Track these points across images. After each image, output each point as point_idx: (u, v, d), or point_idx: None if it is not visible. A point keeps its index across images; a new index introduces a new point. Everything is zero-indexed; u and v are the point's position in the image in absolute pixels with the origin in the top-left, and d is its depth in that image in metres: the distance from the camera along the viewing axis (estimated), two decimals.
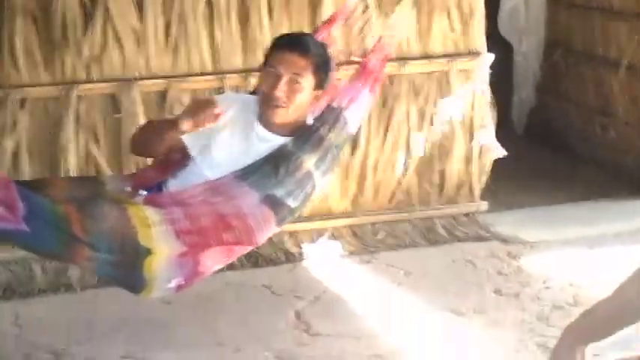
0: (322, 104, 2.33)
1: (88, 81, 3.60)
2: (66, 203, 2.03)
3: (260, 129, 2.24)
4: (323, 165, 2.25)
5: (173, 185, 2.34)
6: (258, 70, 2.32)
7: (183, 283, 2.16)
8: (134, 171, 3.40)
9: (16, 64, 3.53)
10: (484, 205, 3.95)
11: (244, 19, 3.71)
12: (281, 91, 2.15)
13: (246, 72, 3.63)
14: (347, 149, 3.74)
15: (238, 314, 3.08)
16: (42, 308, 3.28)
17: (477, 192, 3.97)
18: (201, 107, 2.10)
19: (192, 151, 2.26)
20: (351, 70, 2.71)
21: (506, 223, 3.90)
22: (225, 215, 2.13)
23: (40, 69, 3.58)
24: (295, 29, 3.65)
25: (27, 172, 3.52)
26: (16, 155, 3.53)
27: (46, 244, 1.97)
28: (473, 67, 3.79)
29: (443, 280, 3.36)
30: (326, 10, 3.64)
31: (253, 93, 2.51)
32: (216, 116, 2.08)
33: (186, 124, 2.07)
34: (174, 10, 3.62)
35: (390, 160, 3.87)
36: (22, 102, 3.54)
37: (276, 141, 2.22)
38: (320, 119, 2.28)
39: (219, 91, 3.56)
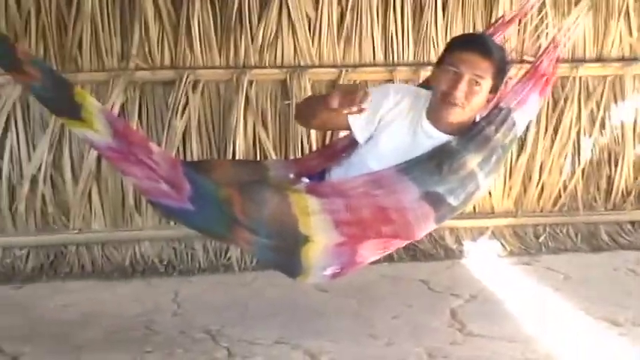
0: (491, 104, 2.41)
1: (261, 66, 3.92)
2: (230, 187, 2.17)
3: (427, 125, 2.34)
4: (487, 166, 2.33)
5: (336, 173, 2.49)
6: (435, 65, 2.43)
7: (339, 271, 2.30)
8: (299, 157, 3.72)
9: (192, 45, 3.87)
10: None
11: (418, 14, 3.98)
12: (461, 90, 2.23)
13: (416, 65, 3.88)
14: (514, 149, 3.95)
15: (393, 307, 3.19)
16: (200, 287, 3.51)
17: None
18: (352, 91, 2.09)
19: (360, 139, 2.39)
20: (522, 69, 2.89)
21: None
22: (385, 208, 2.23)
23: (214, 52, 3.90)
24: (469, 27, 3.91)
25: (195, 152, 3.83)
26: (185, 135, 3.86)
27: (208, 224, 2.17)
28: None
29: (602, 288, 3.40)
30: (501, 8, 3.89)
31: (422, 86, 2.63)
32: (361, 110, 2.09)
33: (334, 101, 2.09)
34: (349, 1, 3.92)
35: (557, 162, 4.05)
36: (195, 83, 3.86)
37: (442, 138, 2.32)
38: (487, 119, 2.37)
39: (389, 83, 3.78)
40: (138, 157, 2.04)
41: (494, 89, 2.31)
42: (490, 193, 4.05)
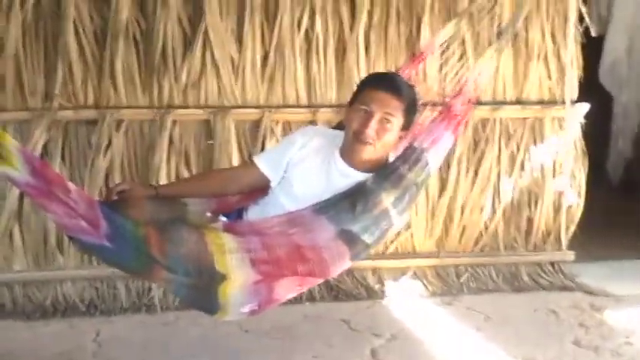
0: (404, 143, 2.70)
1: (184, 106, 4.39)
2: (147, 225, 2.38)
3: (341, 163, 2.63)
4: (401, 204, 2.61)
5: (253, 211, 2.77)
6: (348, 105, 2.70)
7: (256, 308, 2.52)
8: None
9: (115, 85, 4.34)
10: (571, 255, 4.53)
11: (341, 55, 4.48)
12: (372, 129, 2.53)
13: (339, 107, 4.30)
14: (435, 189, 4.50)
15: (314, 347, 3.54)
16: (122, 327, 3.86)
17: (565, 241, 4.52)
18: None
19: (273, 182, 2.70)
20: (434, 111, 3.18)
21: (592, 274, 4.46)
22: (301, 247, 2.49)
23: (138, 92, 4.36)
24: (391, 68, 4.35)
25: None
26: (108, 175, 4.31)
27: (125, 261, 2.37)
28: (567, 115, 4.41)
29: (523, 328, 3.79)
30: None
31: (336, 128, 2.94)
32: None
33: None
34: (272, 42, 4.41)
35: (478, 203, 4.53)
36: (118, 123, 4.31)
37: (356, 177, 2.60)
38: (401, 158, 2.65)
39: (312, 124, 4.27)
40: (56, 195, 2.20)
41: (405, 126, 2.61)
42: (412, 234, 4.54)
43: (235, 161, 4.32)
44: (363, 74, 4.40)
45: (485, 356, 3.66)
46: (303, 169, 2.68)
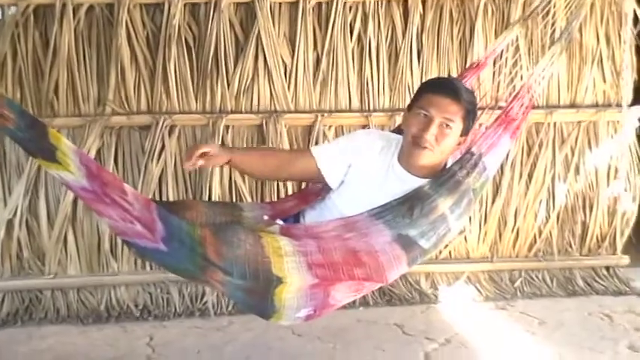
0: (462, 148, 2.70)
1: (237, 111, 4.46)
2: (203, 228, 2.36)
3: (399, 169, 2.64)
4: (458, 209, 2.61)
5: (310, 216, 2.80)
6: (407, 110, 2.70)
7: (312, 313, 2.49)
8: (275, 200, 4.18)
9: (168, 91, 4.41)
10: (625, 260, 4.56)
11: (393, 59, 4.52)
12: (431, 134, 2.54)
13: (392, 111, 4.39)
14: (489, 194, 4.53)
15: (367, 352, 3.57)
16: (175, 332, 3.93)
17: (619, 245, 4.53)
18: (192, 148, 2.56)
19: (332, 185, 2.72)
20: (493, 115, 3.19)
21: None
22: (358, 251, 2.48)
23: (191, 97, 4.44)
24: (444, 72, 4.42)
25: (171, 196, 4.33)
26: (161, 180, 4.38)
27: (181, 264, 2.34)
28: (621, 118, 4.43)
29: (577, 333, 3.81)
30: (475, 54, 4.45)
31: (395, 132, 2.95)
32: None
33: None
34: (325, 46, 4.46)
35: (532, 207, 4.46)
36: (171, 128, 4.40)
37: (414, 182, 2.60)
38: (459, 163, 2.64)
39: (365, 128, 4.34)
40: (112, 198, 2.19)
41: (464, 132, 2.62)
42: (465, 238, 4.58)
43: None
44: (416, 78, 4.50)
45: None
46: (363, 173, 2.68)
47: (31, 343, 3.94)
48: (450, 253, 4.50)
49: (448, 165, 2.68)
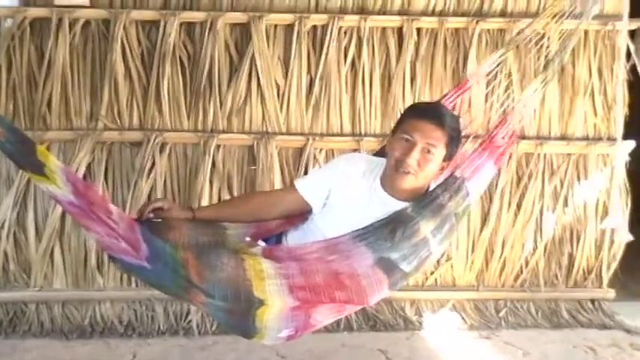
0: (445, 172, 2.68)
1: (228, 131, 4.49)
2: (186, 249, 2.40)
3: (381, 192, 2.63)
4: (440, 233, 2.59)
5: (293, 236, 2.80)
6: (390, 134, 2.68)
7: (293, 333, 2.49)
8: None
9: (161, 108, 4.44)
10: (611, 293, 4.56)
11: (386, 85, 4.55)
12: (414, 158, 2.52)
13: (383, 136, 4.37)
14: (477, 222, 4.56)
15: None
16: (159, 349, 3.97)
17: (605, 279, 4.54)
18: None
19: (314, 209, 2.71)
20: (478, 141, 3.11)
21: (632, 313, 4.51)
22: (339, 274, 2.47)
23: (183, 115, 4.48)
24: (436, 99, 4.56)
25: None
26: (151, 197, 4.37)
27: (164, 283, 2.37)
28: (612, 152, 4.48)
29: None
30: None
31: (377, 154, 2.92)
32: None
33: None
34: (318, 70, 4.49)
35: (520, 237, 4.51)
36: (163, 146, 4.42)
37: (396, 205, 2.59)
38: (442, 187, 2.63)
39: (356, 152, 4.32)
40: (98, 215, 2.21)
41: (447, 157, 2.60)
42: (452, 266, 4.61)
43: (277, 187, 4.38)
44: (408, 104, 4.40)
45: None
46: (345, 196, 2.67)
47: (15, 355, 3.96)
48: (435, 280, 4.63)
49: (431, 188, 2.68)
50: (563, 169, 4.54)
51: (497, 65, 3.51)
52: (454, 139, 2.63)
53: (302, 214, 2.83)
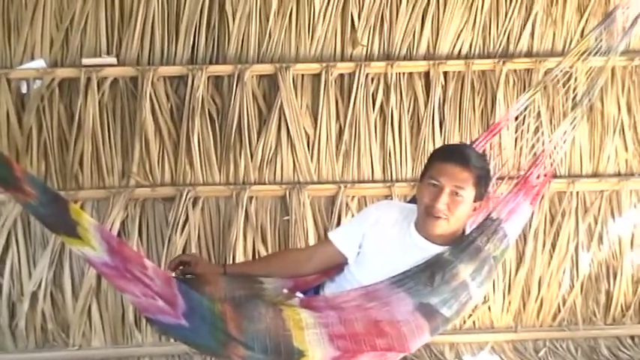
0: (481, 214, 2.69)
1: (260, 182, 4.56)
2: (223, 302, 2.39)
3: (416, 236, 2.62)
4: (479, 276, 2.57)
5: (330, 288, 2.79)
6: (419, 180, 2.70)
7: None
8: None
9: (192, 162, 4.52)
10: None
11: (415, 129, 4.63)
12: (443, 203, 2.51)
13: (414, 181, 4.42)
14: (512, 263, 4.61)
15: None
16: None
17: None
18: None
19: (349, 259, 2.72)
20: (513, 182, 3.13)
21: None
22: (379, 321, 2.45)
23: (214, 169, 4.55)
24: (466, 141, 4.44)
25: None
26: (185, 251, 4.42)
27: (202, 339, 2.30)
28: None
29: None
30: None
31: (412, 201, 2.94)
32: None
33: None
34: (347, 117, 4.57)
35: (556, 276, 4.62)
36: (195, 200, 4.49)
37: (433, 249, 2.58)
38: (478, 230, 2.62)
39: (388, 199, 4.42)
40: (133, 273, 2.18)
41: (478, 197, 2.58)
42: (489, 308, 4.65)
43: (311, 236, 4.46)
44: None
45: None
46: (379, 244, 2.68)
47: None
48: (474, 322, 4.69)
49: (467, 231, 2.67)
50: (596, 205, 4.56)
51: (526, 108, 3.51)
52: (482, 179, 2.62)
53: (338, 265, 2.82)
